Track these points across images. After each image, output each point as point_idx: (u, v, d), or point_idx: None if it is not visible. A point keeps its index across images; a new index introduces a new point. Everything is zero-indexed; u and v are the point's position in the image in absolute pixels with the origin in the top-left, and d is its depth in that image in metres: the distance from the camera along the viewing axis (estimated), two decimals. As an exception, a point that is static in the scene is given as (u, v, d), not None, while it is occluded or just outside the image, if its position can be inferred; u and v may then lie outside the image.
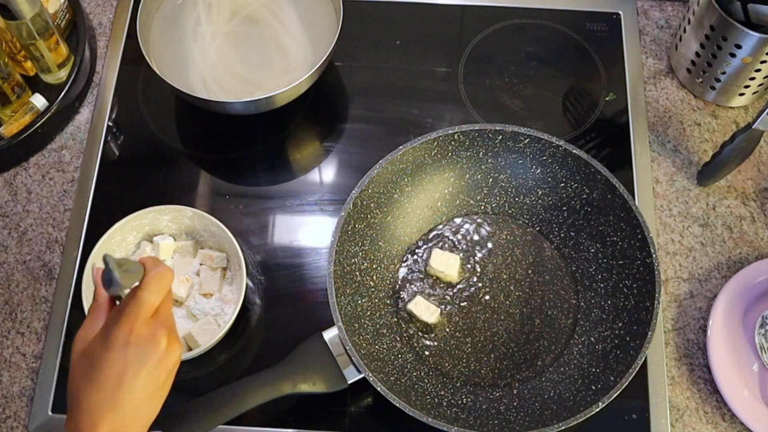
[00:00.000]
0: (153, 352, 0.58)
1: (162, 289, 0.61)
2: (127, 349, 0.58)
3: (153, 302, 0.60)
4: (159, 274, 0.61)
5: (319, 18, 0.96)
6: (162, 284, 0.61)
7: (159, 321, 0.60)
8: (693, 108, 0.98)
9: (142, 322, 0.59)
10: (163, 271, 0.61)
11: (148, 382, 0.58)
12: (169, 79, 0.87)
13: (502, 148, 0.86)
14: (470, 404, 0.79)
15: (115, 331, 0.58)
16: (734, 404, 0.80)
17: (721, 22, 0.87)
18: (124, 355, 0.57)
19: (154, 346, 0.58)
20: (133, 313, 0.59)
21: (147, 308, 0.59)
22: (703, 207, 0.92)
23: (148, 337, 0.58)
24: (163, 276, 0.61)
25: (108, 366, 0.57)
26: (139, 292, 0.60)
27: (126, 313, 0.59)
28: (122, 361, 0.57)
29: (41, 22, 0.90)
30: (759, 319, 0.83)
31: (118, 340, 0.58)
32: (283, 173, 0.95)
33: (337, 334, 0.76)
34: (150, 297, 0.59)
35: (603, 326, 0.82)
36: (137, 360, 0.58)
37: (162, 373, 0.59)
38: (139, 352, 0.58)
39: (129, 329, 0.58)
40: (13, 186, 0.94)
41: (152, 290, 0.60)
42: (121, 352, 0.57)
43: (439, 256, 0.85)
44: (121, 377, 0.57)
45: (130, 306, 0.59)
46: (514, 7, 1.05)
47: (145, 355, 0.58)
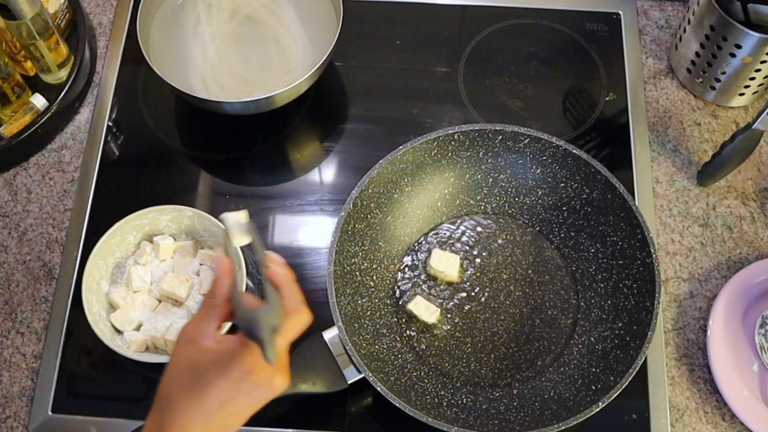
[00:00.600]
0: (265, 393, 0.58)
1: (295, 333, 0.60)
2: (242, 384, 0.57)
3: (282, 347, 0.59)
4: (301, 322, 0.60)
5: (319, 18, 0.96)
6: (297, 328, 0.60)
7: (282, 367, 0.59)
8: (693, 108, 0.98)
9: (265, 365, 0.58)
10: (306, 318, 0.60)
11: (247, 411, 0.58)
12: (169, 79, 0.87)
13: (502, 148, 0.86)
14: (470, 404, 0.79)
15: (237, 364, 0.57)
16: (734, 404, 0.80)
17: (721, 22, 0.87)
18: (237, 388, 0.57)
19: (269, 388, 0.58)
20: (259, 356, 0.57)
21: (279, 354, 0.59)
22: (703, 207, 0.92)
23: (265, 381, 0.58)
24: (299, 321, 0.60)
25: (217, 392, 0.57)
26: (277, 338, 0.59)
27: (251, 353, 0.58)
28: (232, 393, 0.57)
29: (41, 22, 0.90)
30: (759, 319, 0.83)
31: (235, 374, 0.57)
32: (283, 173, 0.95)
33: (337, 334, 0.76)
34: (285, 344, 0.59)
35: (603, 326, 0.82)
36: (246, 396, 0.58)
37: (262, 404, 0.59)
38: (252, 390, 0.58)
39: (251, 368, 0.57)
40: (13, 186, 0.93)
41: (287, 335, 0.60)
42: (234, 384, 0.57)
43: (439, 256, 0.85)
44: (224, 405, 0.57)
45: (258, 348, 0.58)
46: (514, 7, 1.05)
47: (255, 394, 0.58)
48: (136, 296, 0.83)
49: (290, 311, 0.60)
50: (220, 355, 0.58)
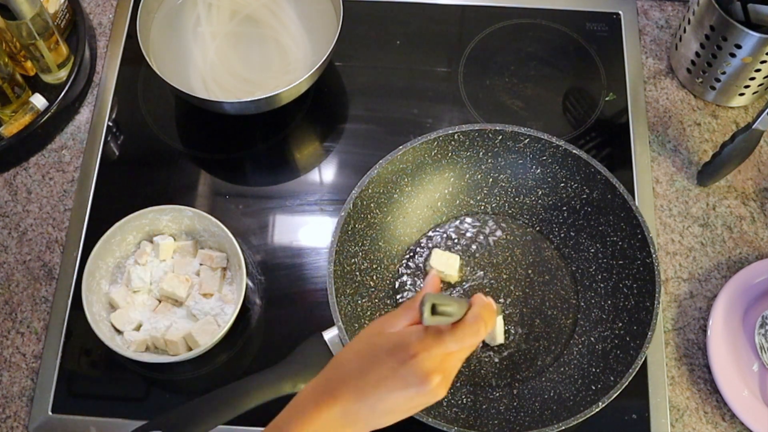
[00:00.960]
0: (419, 386, 0.58)
1: (467, 342, 0.60)
2: (402, 367, 0.58)
3: (452, 349, 0.60)
4: (473, 329, 0.60)
5: (319, 18, 0.96)
6: (470, 338, 0.60)
7: (444, 365, 0.60)
8: (693, 108, 0.98)
9: (429, 356, 0.59)
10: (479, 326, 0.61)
11: (398, 402, 0.59)
12: (169, 79, 0.87)
13: (502, 148, 0.86)
14: (470, 404, 0.79)
15: (404, 348, 0.59)
16: (734, 404, 0.80)
17: (721, 22, 0.87)
18: (396, 369, 0.58)
19: (422, 382, 0.58)
20: (428, 344, 0.59)
21: (442, 349, 0.59)
22: (703, 207, 0.92)
23: (423, 372, 0.58)
24: (476, 332, 0.60)
25: (379, 367, 0.59)
26: (446, 333, 0.60)
27: (423, 340, 0.59)
28: (391, 372, 0.58)
29: (41, 22, 0.90)
30: (759, 319, 0.83)
31: (401, 356, 0.58)
32: (283, 173, 0.95)
33: (337, 334, 0.76)
34: (451, 344, 0.59)
35: (603, 326, 0.82)
36: (402, 381, 0.58)
37: (413, 404, 0.60)
38: (408, 377, 0.58)
39: (414, 354, 0.58)
40: (13, 186, 0.93)
41: (458, 339, 0.60)
42: (395, 365, 0.58)
43: (439, 256, 0.85)
44: (381, 382, 0.58)
45: (431, 337, 0.59)
46: (514, 7, 1.05)
47: (411, 383, 0.58)
48: (136, 296, 0.84)
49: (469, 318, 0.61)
50: (396, 339, 0.60)
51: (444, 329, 0.60)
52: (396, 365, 0.58)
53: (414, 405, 0.60)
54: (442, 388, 0.60)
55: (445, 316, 0.59)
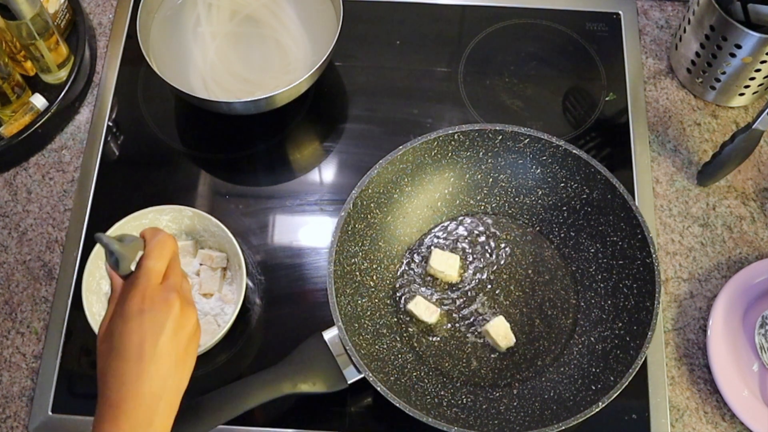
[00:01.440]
0: (168, 315, 0.59)
1: (165, 255, 0.62)
2: (143, 316, 0.58)
3: (159, 269, 0.61)
4: (159, 242, 0.62)
5: (319, 18, 0.96)
6: (164, 251, 0.62)
7: (169, 286, 0.61)
8: (693, 108, 0.98)
9: (152, 289, 0.59)
10: (163, 237, 0.62)
11: (170, 348, 0.59)
12: (169, 79, 0.87)
13: (502, 148, 0.86)
14: (470, 404, 0.79)
15: (128, 303, 0.59)
16: (734, 404, 0.80)
17: (721, 22, 0.87)
18: (141, 322, 0.58)
19: (167, 309, 0.59)
20: (142, 283, 0.60)
21: (154, 275, 0.60)
22: (703, 207, 0.92)
23: (160, 302, 0.59)
24: (164, 242, 0.62)
25: (127, 338, 0.58)
26: (143, 261, 0.61)
27: (135, 284, 0.60)
28: (139, 329, 0.58)
29: (41, 22, 0.90)
30: (759, 319, 0.83)
31: (132, 310, 0.59)
32: (283, 173, 0.95)
33: (337, 334, 0.76)
34: (155, 264, 0.60)
35: (603, 326, 0.82)
36: (154, 325, 0.58)
37: (182, 338, 0.60)
38: (155, 317, 0.58)
39: (141, 297, 0.59)
40: (13, 186, 0.94)
41: (155, 257, 0.61)
42: (137, 320, 0.58)
43: (439, 256, 0.85)
44: (142, 345, 0.58)
45: (138, 277, 0.60)
46: (514, 7, 1.05)
47: (161, 320, 0.58)
48: (136, 296, 0.83)
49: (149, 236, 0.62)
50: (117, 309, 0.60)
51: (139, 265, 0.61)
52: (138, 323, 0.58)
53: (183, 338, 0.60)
54: (188, 306, 0.60)
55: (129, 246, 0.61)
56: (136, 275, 0.61)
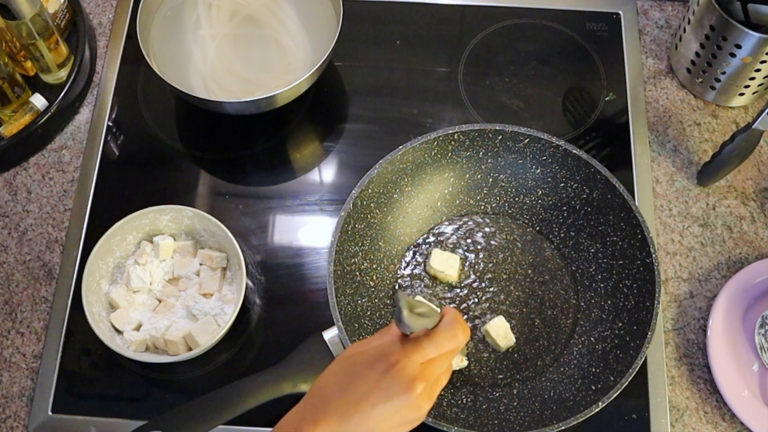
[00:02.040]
0: (403, 394, 0.58)
1: (445, 346, 0.61)
2: (384, 378, 0.58)
3: (430, 353, 0.60)
4: (451, 332, 0.61)
5: (319, 18, 0.96)
6: (449, 342, 0.61)
7: (425, 372, 0.59)
8: (693, 108, 0.98)
9: (410, 362, 0.59)
10: (457, 330, 0.61)
11: (383, 418, 0.58)
12: (169, 79, 0.87)
13: (502, 148, 0.86)
14: (470, 404, 0.79)
15: (384, 357, 0.59)
16: (734, 404, 0.80)
17: (721, 22, 0.87)
18: (378, 381, 0.58)
19: (406, 390, 0.58)
20: (408, 351, 0.59)
21: (422, 355, 0.59)
22: (703, 207, 0.92)
23: (406, 380, 0.58)
24: (455, 335, 0.61)
25: (360, 382, 0.58)
26: (424, 338, 0.60)
27: (403, 347, 0.59)
28: (373, 384, 0.58)
29: (41, 22, 0.90)
30: (759, 319, 0.83)
31: (381, 366, 0.58)
32: (283, 173, 0.95)
33: (337, 334, 0.76)
34: (430, 348, 0.60)
35: (603, 326, 0.82)
36: (385, 392, 0.58)
37: (399, 419, 0.59)
38: (391, 386, 0.58)
39: (396, 361, 0.58)
40: (13, 186, 0.94)
41: (436, 343, 0.60)
42: (376, 376, 0.58)
43: (439, 256, 0.85)
44: (364, 397, 0.58)
45: (410, 344, 0.59)
46: (514, 7, 1.05)
47: (394, 393, 0.58)
48: (136, 296, 0.84)
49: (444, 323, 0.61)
50: (375, 351, 0.60)
51: (421, 337, 0.60)
52: (377, 376, 0.58)
53: (400, 420, 0.59)
54: (426, 398, 0.59)
55: (421, 317, 0.59)
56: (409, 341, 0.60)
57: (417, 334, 0.61)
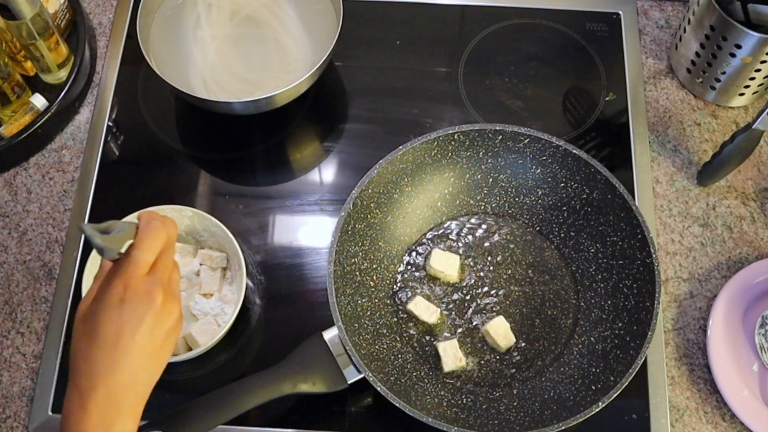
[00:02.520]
0: (149, 309, 0.57)
1: (155, 245, 0.59)
2: (123, 307, 0.57)
3: (146, 259, 0.58)
4: (152, 230, 0.59)
5: (319, 18, 0.96)
6: (155, 241, 0.59)
7: (155, 278, 0.59)
8: (693, 108, 0.98)
9: (136, 279, 0.57)
10: (157, 226, 0.60)
11: (146, 342, 0.57)
12: (169, 79, 0.87)
13: (502, 148, 0.86)
14: (470, 404, 0.79)
15: (110, 290, 0.57)
16: (734, 404, 0.80)
17: (721, 22, 0.87)
18: (120, 313, 0.57)
19: (149, 303, 0.57)
20: (127, 271, 0.58)
21: (141, 266, 0.58)
22: (703, 207, 0.92)
23: (142, 294, 0.57)
24: (156, 231, 0.59)
25: (105, 325, 0.57)
26: (131, 250, 0.59)
27: (120, 272, 0.58)
28: (118, 319, 0.57)
29: (41, 22, 0.90)
30: (759, 319, 0.83)
31: (114, 298, 0.57)
32: (283, 173, 0.95)
33: (337, 334, 0.76)
34: (142, 255, 0.58)
35: (603, 326, 0.82)
36: (133, 318, 0.57)
37: (159, 332, 0.58)
38: (135, 309, 0.57)
39: (123, 287, 0.57)
40: (13, 186, 0.94)
41: (144, 248, 0.59)
42: (116, 310, 0.57)
43: (439, 256, 0.85)
44: (118, 336, 0.56)
45: (124, 264, 0.58)
46: (514, 7, 1.05)
47: (141, 313, 0.57)
48: (136, 296, 0.83)
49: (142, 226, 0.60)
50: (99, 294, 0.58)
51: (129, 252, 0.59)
52: (116, 312, 0.56)
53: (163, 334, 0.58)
54: (171, 301, 0.59)
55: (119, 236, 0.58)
56: (121, 262, 0.59)
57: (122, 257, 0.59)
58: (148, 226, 0.60)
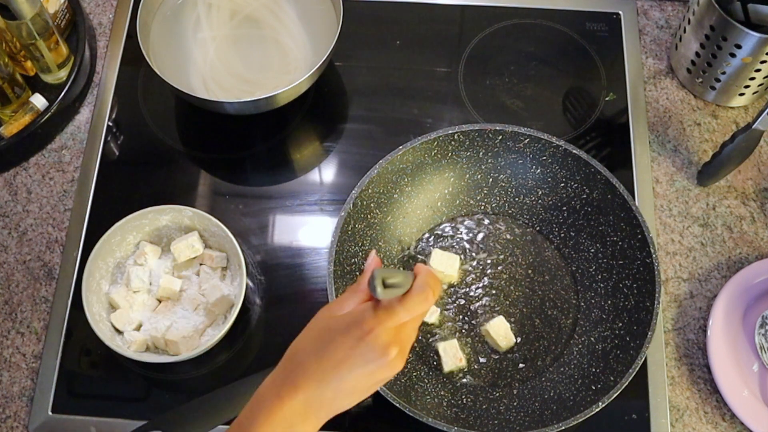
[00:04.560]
0: (378, 359, 0.60)
1: (417, 310, 0.62)
2: (359, 345, 0.60)
3: (404, 319, 0.61)
4: (423, 297, 0.62)
5: (319, 18, 0.96)
6: (420, 306, 0.62)
7: (399, 336, 0.61)
8: (693, 108, 0.98)
9: (384, 329, 0.60)
10: (428, 295, 0.63)
11: (361, 382, 0.60)
12: (169, 79, 0.87)
13: (502, 148, 0.86)
14: (470, 404, 0.79)
15: (358, 324, 0.60)
16: (734, 404, 0.80)
17: (721, 22, 0.87)
18: (354, 348, 0.60)
19: (382, 355, 0.60)
20: (381, 318, 0.60)
21: (396, 321, 0.61)
22: (703, 207, 0.92)
23: (381, 345, 0.60)
24: (426, 299, 0.62)
25: (336, 348, 0.60)
26: (396, 304, 0.61)
27: (376, 315, 0.61)
28: (350, 351, 0.60)
29: (41, 22, 0.90)
30: (759, 319, 0.83)
31: (356, 333, 0.60)
32: (283, 173, 0.95)
33: (337, 334, 0.76)
34: (403, 314, 0.61)
35: (603, 326, 0.82)
36: (361, 358, 0.60)
37: (374, 379, 0.61)
38: (367, 353, 0.60)
39: (370, 329, 0.60)
40: (13, 186, 0.94)
41: (408, 308, 0.61)
42: (353, 343, 0.60)
43: (439, 256, 0.85)
44: (341, 363, 0.59)
45: (382, 311, 0.61)
46: (514, 7, 1.05)
47: (371, 358, 0.60)
48: (136, 296, 0.83)
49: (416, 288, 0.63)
50: (350, 318, 0.61)
51: (393, 302, 0.61)
52: (353, 343, 0.60)
53: (375, 381, 0.61)
54: (399, 359, 0.61)
55: (395, 288, 0.61)
56: (382, 307, 0.61)
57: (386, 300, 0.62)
58: (422, 291, 0.63)
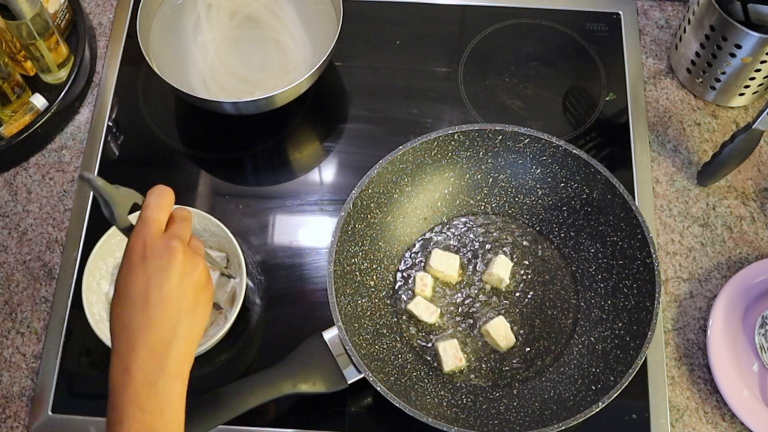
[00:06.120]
0: (171, 260, 0.58)
1: (162, 202, 0.62)
2: (145, 262, 0.58)
3: (158, 218, 0.61)
4: (157, 192, 0.62)
5: (319, 18, 0.96)
6: (162, 198, 0.62)
7: (171, 234, 0.61)
8: (693, 108, 0.98)
9: (153, 237, 0.59)
10: (161, 188, 0.63)
11: (177, 293, 0.58)
12: (169, 79, 0.87)
13: (502, 148, 0.86)
14: (470, 404, 0.79)
15: (130, 252, 0.59)
16: (734, 404, 0.80)
17: (721, 22, 0.87)
18: (144, 268, 0.58)
19: (170, 255, 0.59)
20: (142, 231, 0.60)
21: (155, 224, 0.60)
22: (703, 207, 0.92)
23: (162, 248, 0.59)
24: (162, 192, 0.62)
25: (132, 286, 0.58)
26: (142, 212, 0.61)
27: (136, 233, 0.60)
28: (143, 274, 0.58)
29: (41, 22, 0.90)
30: (759, 319, 0.83)
31: (135, 258, 0.59)
32: (283, 173, 0.95)
33: (337, 334, 0.76)
34: (154, 213, 0.61)
35: (603, 326, 0.82)
36: (157, 270, 0.58)
37: (188, 284, 0.59)
38: (158, 262, 0.58)
39: (142, 245, 0.59)
40: (13, 186, 0.94)
41: (153, 206, 0.61)
42: (140, 267, 0.58)
43: (439, 256, 0.85)
44: (147, 291, 0.58)
45: (138, 226, 0.60)
46: (514, 7, 1.05)
47: (164, 264, 0.58)
48: (136, 296, 0.83)
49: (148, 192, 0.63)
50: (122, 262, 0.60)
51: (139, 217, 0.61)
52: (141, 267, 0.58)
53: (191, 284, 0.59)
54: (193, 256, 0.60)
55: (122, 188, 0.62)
56: (136, 225, 0.61)
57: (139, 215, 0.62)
58: (152, 189, 0.62)
